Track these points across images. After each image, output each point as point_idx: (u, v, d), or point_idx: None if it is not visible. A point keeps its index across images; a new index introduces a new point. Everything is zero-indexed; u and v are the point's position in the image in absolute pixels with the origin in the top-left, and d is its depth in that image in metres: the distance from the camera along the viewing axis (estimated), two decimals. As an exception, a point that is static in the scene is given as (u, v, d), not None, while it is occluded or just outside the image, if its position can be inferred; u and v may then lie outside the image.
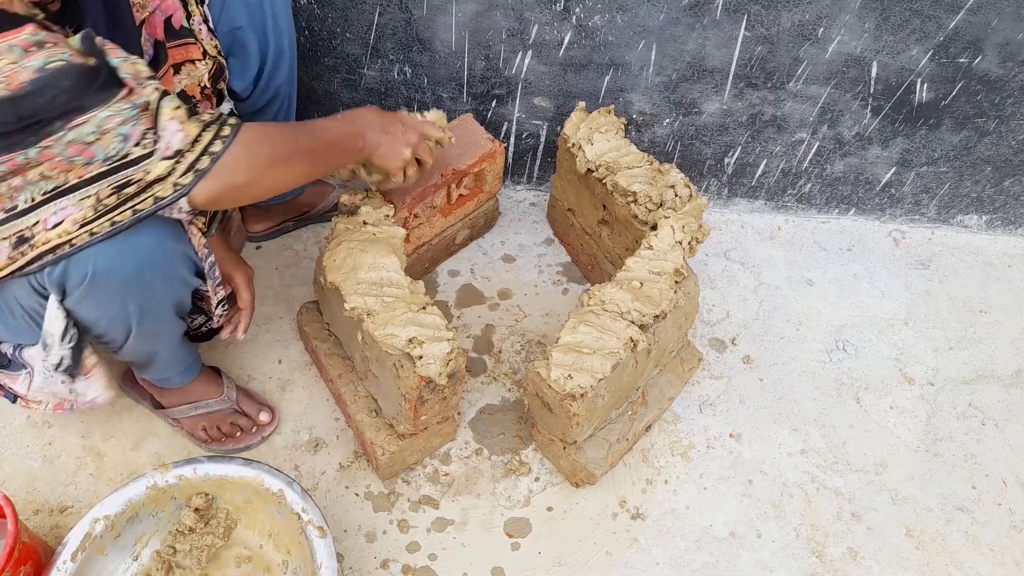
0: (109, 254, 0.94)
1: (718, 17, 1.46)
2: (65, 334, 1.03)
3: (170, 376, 1.30)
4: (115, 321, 1.05)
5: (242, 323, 1.30)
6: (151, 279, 1.01)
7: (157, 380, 1.31)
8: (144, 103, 0.91)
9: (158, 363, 1.24)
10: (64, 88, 0.84)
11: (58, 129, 0.86)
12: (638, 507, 1.38)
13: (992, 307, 1.75)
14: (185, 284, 1.09)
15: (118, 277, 0.97)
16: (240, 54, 1.28)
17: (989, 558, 1.38)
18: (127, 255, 0.96)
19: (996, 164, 1.73)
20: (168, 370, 1.28)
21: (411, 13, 1.48)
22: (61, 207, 0.90)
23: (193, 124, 0.93)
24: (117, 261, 0.95)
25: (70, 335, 1.03)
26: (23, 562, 1.08)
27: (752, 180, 1.80)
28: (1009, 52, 1.50)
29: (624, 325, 1.23)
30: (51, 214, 0.90)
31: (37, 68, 0.83)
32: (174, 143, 0.92)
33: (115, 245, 0.94)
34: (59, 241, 0.91)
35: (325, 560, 1.13)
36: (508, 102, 1.65)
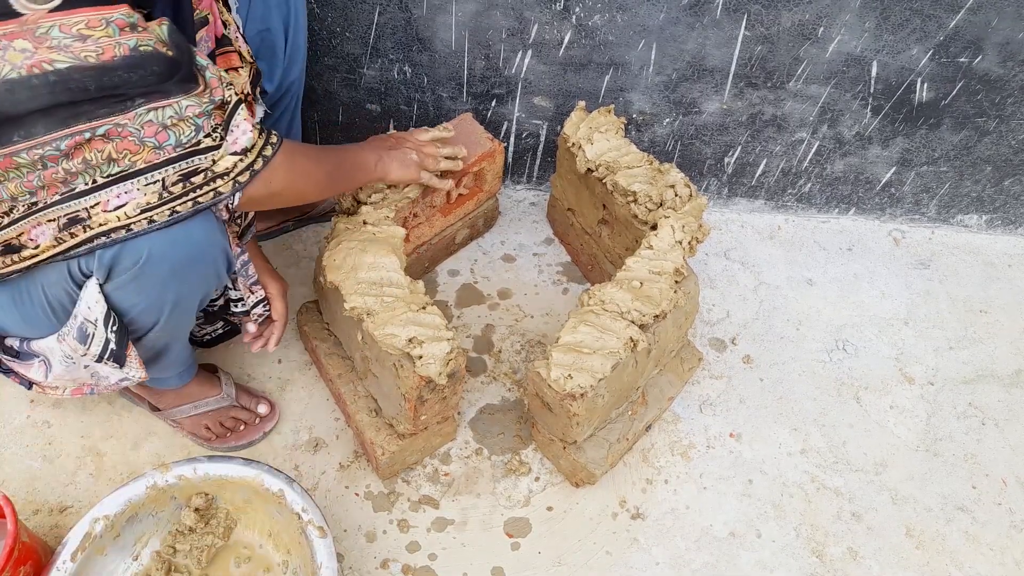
0: (165, 241, 0.96)
1: (718, 16, 1.46)
2: (108, 318, 1.03)
3: (170, 376, 1.30)
4: (150, 309, 1.05)
5: (275, 335, 1.30)
6: (196, 270, 1.03)
7: (155, 381, 1.30)
8: (220, 101, 0.95)
9: (166, 359, 1.23)
10: (152, 72, 0.87)
11: (139, 106, 0.87)
12: (638, 507, 1.38)
13: (992, 307, 1.75)
14: (219, 280, 1.11)
15: (168, 265, 0.99)
16: (268, 56, 1.29)
17: (989, 558, 1.38)
18: (180, 244, 0.98)
19: (996, 164, 1.73)
20: (171, 369, 1.28)
21: (411, 12, 1.48)
22: (126, 190, 0.91)
23: (257, 130, 1.00)
24: (171, 249, 0.97)
25: (114, 318, 1.03)
26: (23, 562, 1.08)
27: (752, 180, 1.80)
28: (1009, 51, 1.50)
29: (624, 325, 1.23)
30: (114, 196, 0.91)
31: (130, 48, 0.86)
32: (243, 141, 0.97)
33: (170, 234, 0.96)
34: (116, 224, 0.92)
35: (325, 560, 1.13)
36: (508, 102, 1.65)
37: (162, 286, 1.02)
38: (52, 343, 1.08)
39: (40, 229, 0.93)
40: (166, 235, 0.96)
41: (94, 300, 1.00)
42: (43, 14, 0.81)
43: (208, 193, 0.96)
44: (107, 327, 1.03)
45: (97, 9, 0.84)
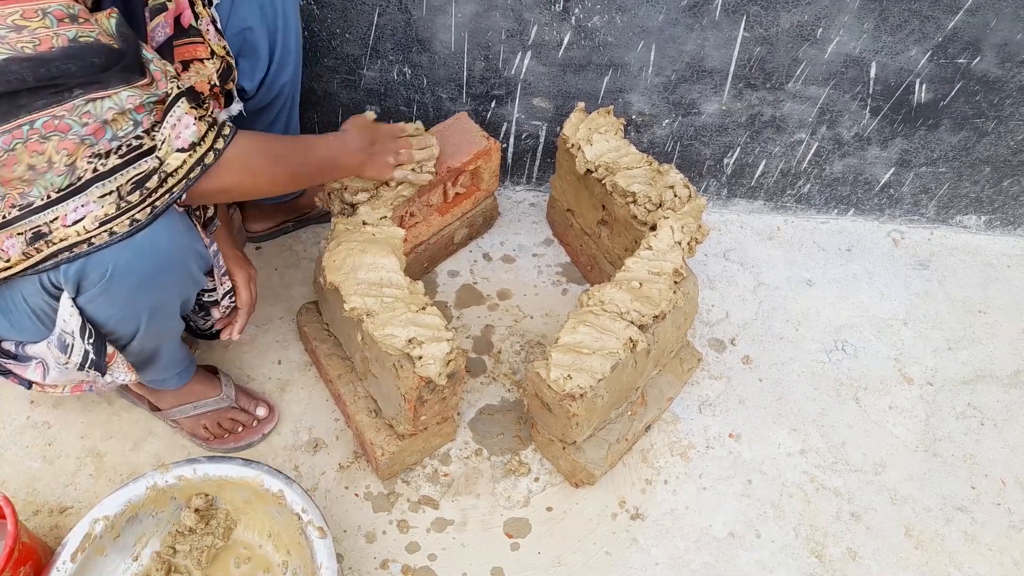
0: (129, 254, 0.95)
1: (717, 18, 1.46)
2: (84, 330, 1.03)
3: (167, 378, 1.30)
4: (126, 319, 1.05)
5: (238, 323, 1.28)
6: (166, 278, 1.02)
7: (153, 382, 1.30)
8: (163, 95, 0.94)
9: (158, 363, 1.23)
10: (91, 62, 0.86)
11: (76, 97, 0.86)
12: (637, 507, 1.38)
13: (991, 307, 1.75)
14: (195, 283, 1.10)
15: (135, 277, 0.98)
16: (250, 55, 1.28)
17: (988, 558, 1.38)
18: (146, 255, 0.97)
19: (995, 164, 1.73)
20: (166, 371, 1.28)
21: (410, 14, 1.48)
22: (82, 203, 0.90)
23: (204, 122, 0.98)
24: (136, 261, 0.96)
25: (88, 329, 1.03)
26: (23, 562, 1.08)
27: (751, 180, 1.80)
28: (1008, 53, 1.50)
29: (623, 325, 1.23)
30: (71, 210, 0.90)
31: (69, 38, 0.85)
32: (187, 136, 0.95)
33: (134, 245, 0.95)
34: (77, 239, 0.92)
35: (325, 560, 1.13)
36: (507, 103, 1.65)
37: (133, 297, 1.01)
38: (44, 348, 1.08)
39: (10, 242, 0.92)
40: (130, 247, 0.94)
41: (68, 314, 1.00)
42: None
43: (163, 196, 0.95)
44: (83, 339, 1.03)
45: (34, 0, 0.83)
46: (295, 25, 1.32)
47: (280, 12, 1.27)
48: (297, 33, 1.34)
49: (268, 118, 1.42)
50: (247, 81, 1.30)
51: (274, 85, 1.36)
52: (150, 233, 0.95)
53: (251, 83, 1.31)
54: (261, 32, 1.26)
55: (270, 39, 1.28)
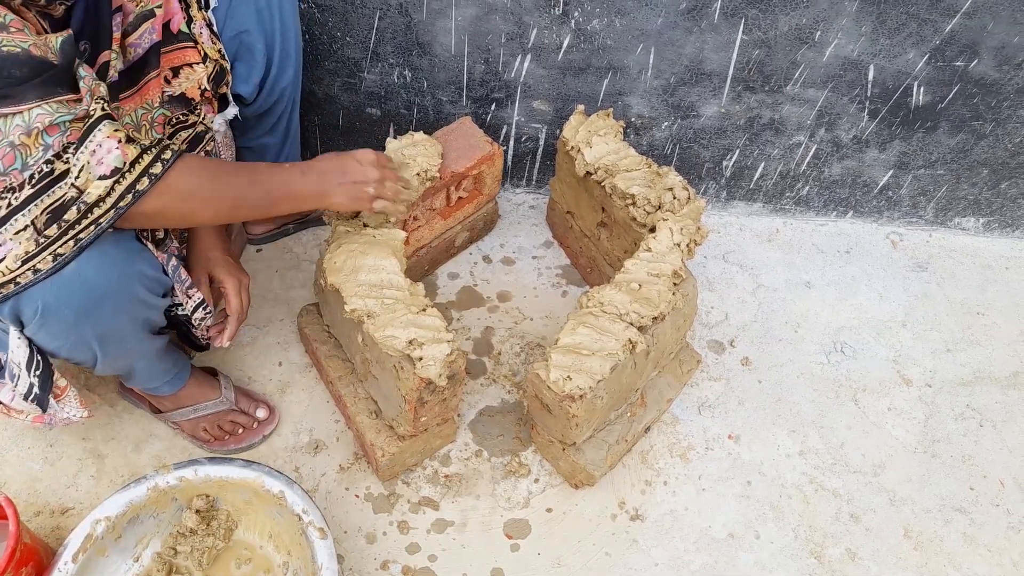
0: (55, 289, 0.92)
1: (716, 21, 1.47)
2: (31, 363, 1.01)
3: (157, 386, 1.30)
4: (77, 348, 1.04)
5: (227, 330, 1.25)
6: (105, 308, 0.98)
7: (147, 389, 1.31)
8: (83, 113, 0.89)
9: (138, 376, 1.23)
10: (8, 74, 0.82)
11: None
12: (637, 508, 1.38)
13: (989, 309, 1.76)
14: (145, 305, 1.05)
15: (69, 311, 0.95)
16: (246, 58, 1.27)
17: (987, 559, 1.38)
18: (75, 289, 0.94)
19: (993, 167, 1.74)
20: (151, 381, 1.28)
21: (411, 17, 1.49)
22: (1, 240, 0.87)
23: (132, 147, 0.91)
24: (65, 295, 0.94)
25: (36, 362, 1.02)
26: (24, 563, 1.09)
27: (750, 183, 1.81)
28: (1005, 55, 1.51)
29: (623, 327, 1.24)
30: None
31: None
32: (109, 160, 0.89)
33: (60, 280, 0.91)
34: (2, 279, 0.89)
35: (326, 561, 1.14)
36: (507, 105, 1.66)
37: (74, 329, 0.99)
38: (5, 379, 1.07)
39: None
40: (56, 283, 0.91)
41: (16, 345, 1.00)
42: None
43: (88, 228, 0.90)
44: (30, 372, 1.02)
45: None
46: (294, 29, 1.32)
47: (278, 15, 1.27)
48: (297, 37, 1.34)
49: (268, 123, 1.42)
50: (243, 85, 1.29)
51: (274, 89, 1.36)
52: (75, 267, 0.91)
53: (247, 87, 1.30)
54: (258, 35, 1.26)
55: (267, 42, 1.28)
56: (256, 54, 1.27)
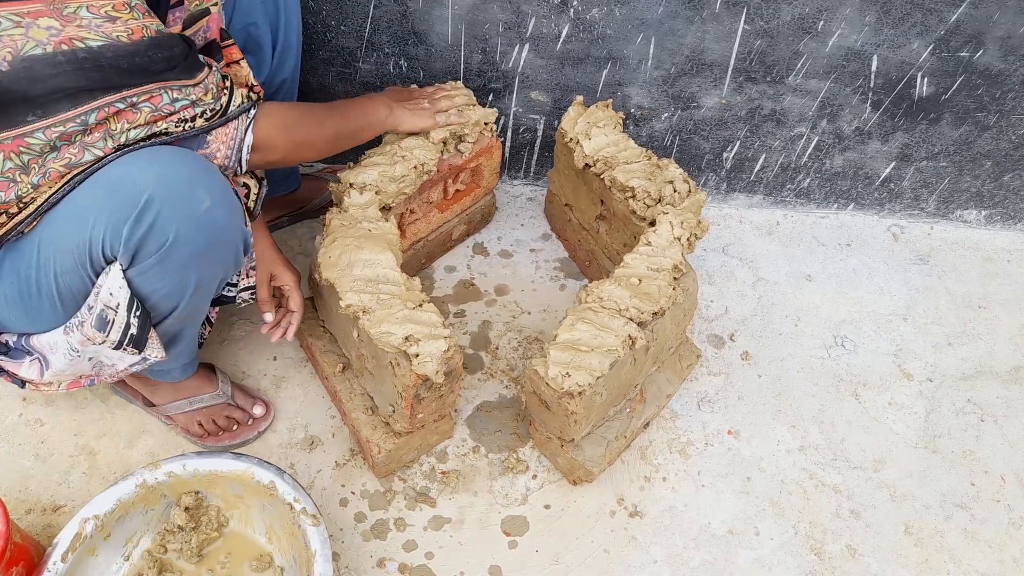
0: (190, 225, 0.97)
1: (717, 10, 1.45)
2: (131, 304, 1.02)
3: (173, 368, 1.29)
4: (172, 293, 1.05)
5: (292, 326, 1.31)
6: (217, 253, 1.05)
7: (158, 373, 1.29)
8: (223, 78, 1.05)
9: (177, 347, 1.22)
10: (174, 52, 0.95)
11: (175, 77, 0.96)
12: (636, 505, 1.37)
13: (991, 302, 1.74)
14: (237, 263, 1.11)
15: (191, 248, 0.99)
16: (255, 51, 1.28)
17: (988, 555, 1.38)
18: (204, 228, 0.99)
19: (996, 159, 1.72)
20: (177, 359, 1.27)
21: (407, 6, 1.47)
22: None
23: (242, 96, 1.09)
24: (195, 233, 0.98)
25: (135, 303, 1.03)
26: (15, 562, 1.07)
27: (751, 175, 1.79)
28: (1010, 46, 1.49)
29: (622, 322, 1.22)
30: None
31: (155, 30, 0.93)
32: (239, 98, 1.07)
33: (195, 217, 0.97)
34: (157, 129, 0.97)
35: (319, 548, 1.13)
36: (505, 96, 1.63)
37: (184, 270, 1.02)
38: (56, 337, 1.07)
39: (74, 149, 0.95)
40: (191, 220, 0.97)
41: (118, 286, 0.99)
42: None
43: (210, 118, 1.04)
44: (130, 312, 1.03)
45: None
46: (296, 21, 1.32)
47: (282, 8, 1.27)
48: (298, 29, 1.34)
49: None
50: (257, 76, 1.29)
51: (274, 82, 1.35)
52: (210, 208, 0.98)
53: (259, 79, 1.31)
54: (265, 28, 1.26)
55: (272, 35, 1.28)
56: (264, 47, 1.29)
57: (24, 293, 1.03)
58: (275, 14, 1.27)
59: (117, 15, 0.89)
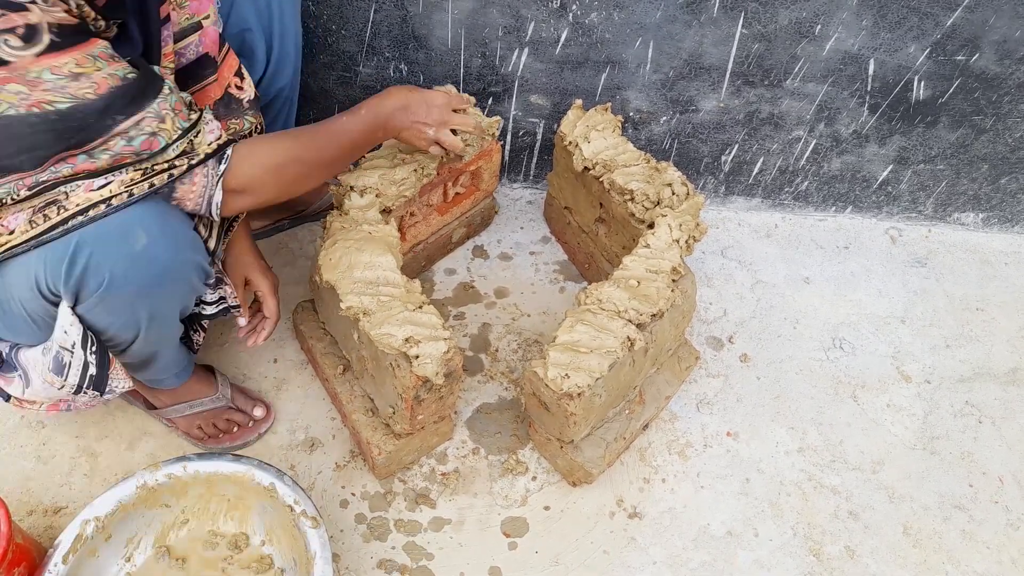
0: (127, 263, 0.96)
1: (715, 14, 1.45)
2: (85, 340, 1.02)
3: (165, 378, 1.29)
4: (125, 327, 1.06)
5: (265, 331, 1.32)
6: (164, 288, 1.03)
7: (151, 381, 1.30)
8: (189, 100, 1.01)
9: (157, 365, 1.23)
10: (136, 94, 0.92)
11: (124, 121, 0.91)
12: (635, 506, 1.38)
13: (989, 305, 1.75)
14: (194, 291, 1.11)
15: (133, 287, 0.99)
16: (248, 55, 1.28)
17: (986, 556, 1.38)
18: (143, 266, 0.98)
19: (993, 162, 1.73)
20: (165, 372, 1.27)
21: (407, 10, 1.47)
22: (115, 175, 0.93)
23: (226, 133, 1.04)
24: (133, 270, 0.97)
25: (90, 339, 1.03)
26: (16, 564, 1.08)
27: (749, 178, 1.80)
28: (1006, 50, 1.50)
29: (621, 324, 1.23)
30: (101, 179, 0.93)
31: (120, 76, 0.90)
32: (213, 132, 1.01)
33: (133, 255, 0.96)
34: (99, 199, 0.93)
35: (319, 550, 1.13)
36: (504, 100, 1.64)
37: (131, 306, 1.02)
38: (37, 355, 1.07)
39: (14, 217, 0.93)
40: (128, 258, 0.96)
41: (68, 323, 1.00)
42: (31, 59, 0.83)
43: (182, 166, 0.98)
44: (86, 350, 1.03)
45: (80, 47, 0.87)
46: (293, 29, 1.32)
47: (277, 15, 1.27)
48: (296, 37, 1.33)
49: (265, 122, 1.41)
50: None
51: (270, 89, 1.35)
52: (148, 245, 0.96)
53: None
54: (259, 34, 1.26)
55: (267, 43, 1.28)
56: (257, 52, 1.28)
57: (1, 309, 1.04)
58: (269, 20, 1.27)
59: (81, 70, 0.86)
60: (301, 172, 1.10)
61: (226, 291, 1.23)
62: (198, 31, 1.12)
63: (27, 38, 0.82)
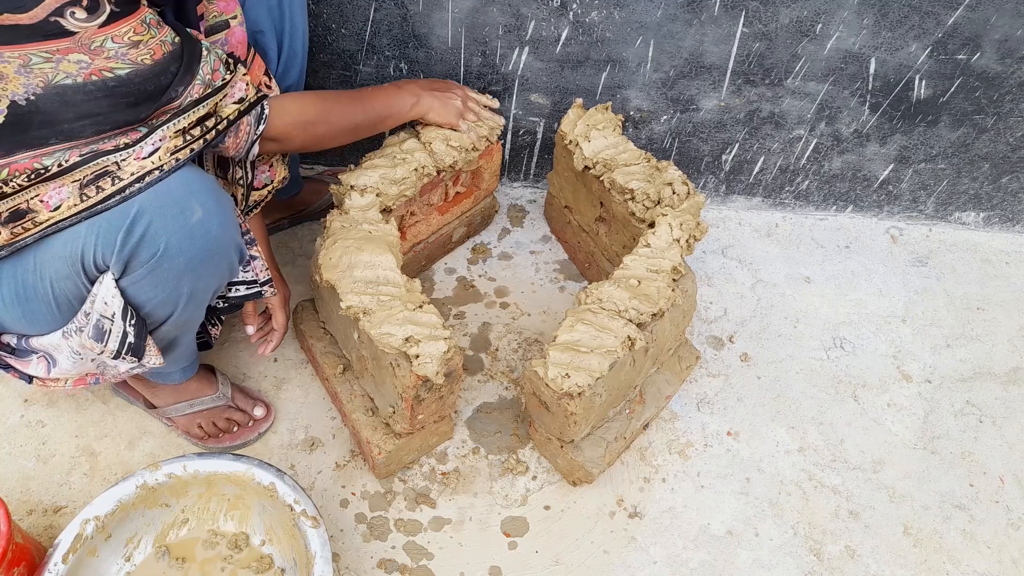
0: (183, 235, 0.98)
1: (716, 13, 1.45)
2: (126, 312, 1.03)
3: (173, 372, 1.29)
4: (165, 302, 1.06)
5: (273, 342, 1.34)
6: (211, 264, 1.05)
7: (157, 375, 1.30)
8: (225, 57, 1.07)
9: (174, 353, 1.23)
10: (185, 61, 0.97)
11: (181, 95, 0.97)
12: (636, 506, 1.38)
13: (989, 304, 1.75)
14: (232, 272, 1.12)
15: (184, 258, 1.00)
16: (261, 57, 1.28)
17: (986, 556, 1.38)
18: (198, 238, 1.00)
19: (994, 161, 1.73)
20: (176, 363, 1.27)
21: (407, 9, 1.47)
22: (159, 138, 0.96)
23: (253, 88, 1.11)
24: (188, 243, 0.99)
25: (129, 311, 1.03)
26: (16, 563, 1.08)
27: (750, 177, 1.79)
28: (1008, 48, 1.50)
29: (622, 323, 1.23)
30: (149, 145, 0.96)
31: (170, 42, 0.96)
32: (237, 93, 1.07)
33: (188, 228, 0.98)
34: (152, 167, 0.96)
35: (319, 550, 1.13)
36: (505, 99, 1.64)
37: (177, 279, 1.03)
38: (56, 339, 1.07)
39: (56, 191, 0.94)
40: (184, 229, 0.98)
41: (111, 295, 1.00)
42: (94, 30, 0.88)
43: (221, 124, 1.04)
44: (125, 320, 1.03)
45: (135, 15, 0.92)
46: (302, 29, 1.32)
47: (287, 15, 1.28)
48: (304, 37, 1.34)
49: None
50: None
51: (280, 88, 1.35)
52: (203, 219, 0.99)
53: None
54: (271, 36, 1.27)
55: (278, 42, 1.29)
56: (269, 53, 1.29)
57: (21, 296, 1.03)
58: (280, 21, 1.27)
59: (139, 38, 0.91)
60: (328, 131, 1.22)
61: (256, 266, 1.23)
62: (225, 30, 1.14)
63: (91, 9, 0.87)
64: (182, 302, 1.07)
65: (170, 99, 0.96)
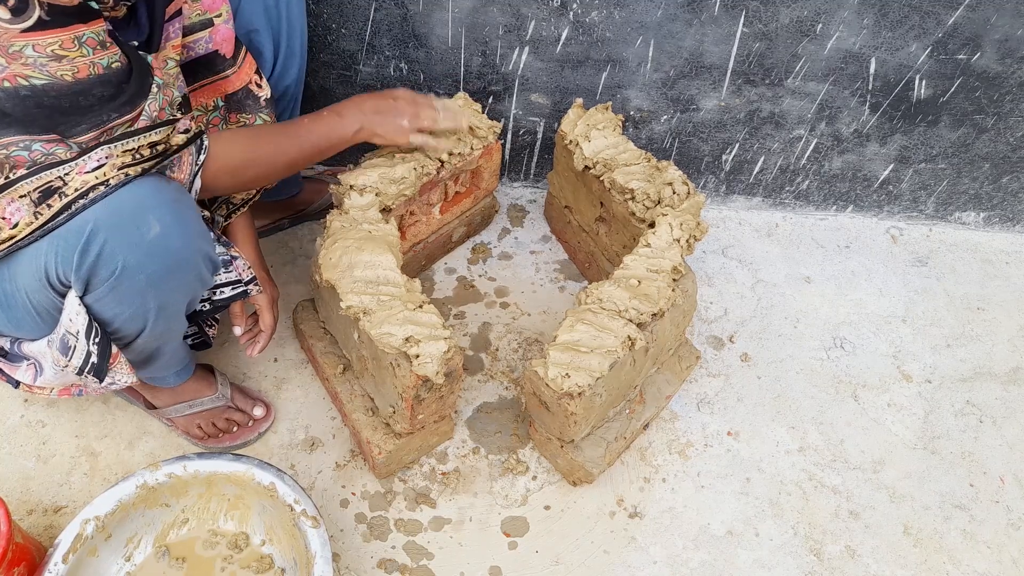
0: (139, 253, 0.96)
1: (716, 13, 1.45)
2: (90, 330, 1.02)
3: (166, 376, 1.29)
4: (133, 318, 1.05)
5: (260, 343, 1.32)
6: (175, 278, 1.03)
7: (152, 379, 1.30)
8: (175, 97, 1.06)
9: (159, 361, 1.23)
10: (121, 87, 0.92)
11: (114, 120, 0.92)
12: (636, 506, 1.38)
13: (990, 304, 1.75)
14: (203, 283, 1.11)
15: (144, 276, 0.98)
16: (255, 56, 1.28)
17: (987, 556, 1.38)
18: (157, 255, 0.98)
19: (994, 161, 1.73)
20: (166, 369, 1.27)
21: (407, 8, 1.47)
22: (105, 155, 0.93)
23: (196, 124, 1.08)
24: (147, 260, 0.97)
25: (94, 329, 1.03)
26: (16, 563, 1.08)
27: (750, 177, 1.79)
28: (1008, 48, 1.50)
29: (622, 323, 1.23)
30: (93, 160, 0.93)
31: (103, 66, 0.90)
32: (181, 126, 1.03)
33: (146, 244, 0.96)
34: (95, 182, 0.93)
35: (319, 550, 1.13)
36: (505, 99, 1.64)
37: (142, 296, 1.01)
38: (43, 347, 1.08)
39: (13, 207, 0.93)
40: (143, 246, 0.96)
41: (75, 312, 1.00)
42: (16, 33, 0.83)
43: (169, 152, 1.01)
44: (89, 340, 1.03)
45: (68, 29, 0.86)
46: (300, 28, 1.32)
47: (284, 15, 1.28)
48: (302, 36, 1.33)
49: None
50: None
51: (278, 87, 1.35)
52: (161, 234, 0.96)
53: None
54: (266, 35, 1.27)
55: (274, 42, 1.29)
56: (265, 53, 1.29)
57: (3, 304, 1.04)
58: (277, 21, 1.27)
59: (65, 53, 0.86)
60: (258, 174, 1.16)
61: (239, 266, 1.21)
62: (209, 28, 1.13)
63: (17, 11, 0.82)
64: (151, 316, 1.06)
65: (100, 123, 0.92)
